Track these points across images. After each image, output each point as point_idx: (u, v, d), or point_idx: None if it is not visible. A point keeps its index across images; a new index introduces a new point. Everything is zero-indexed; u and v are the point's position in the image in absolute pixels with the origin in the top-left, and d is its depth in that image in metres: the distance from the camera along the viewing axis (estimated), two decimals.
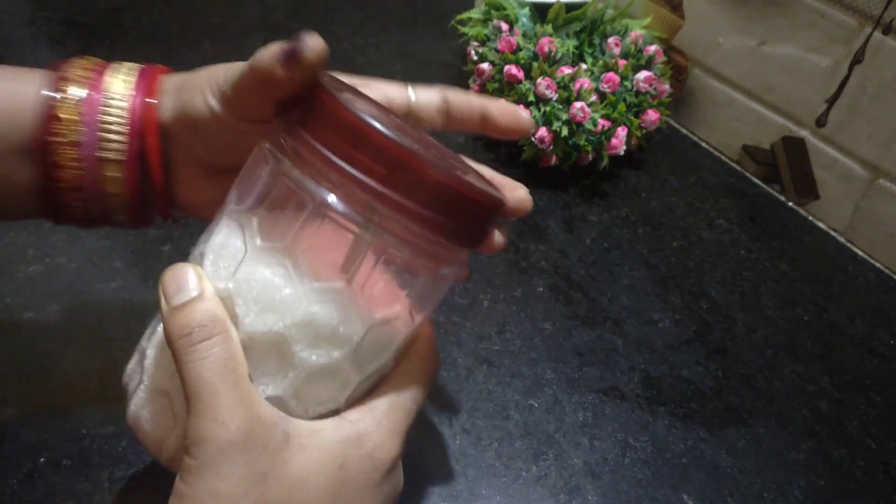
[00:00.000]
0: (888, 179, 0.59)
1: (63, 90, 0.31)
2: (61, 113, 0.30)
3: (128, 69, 0.33)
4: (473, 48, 0.66)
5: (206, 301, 0.26)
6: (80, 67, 0.32)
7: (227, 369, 0.26)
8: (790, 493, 0.43)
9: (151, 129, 0.32)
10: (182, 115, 0.32)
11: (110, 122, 0.31)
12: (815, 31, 0.61)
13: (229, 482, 0.25)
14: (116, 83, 0.32)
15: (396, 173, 0.25)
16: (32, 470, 0.37)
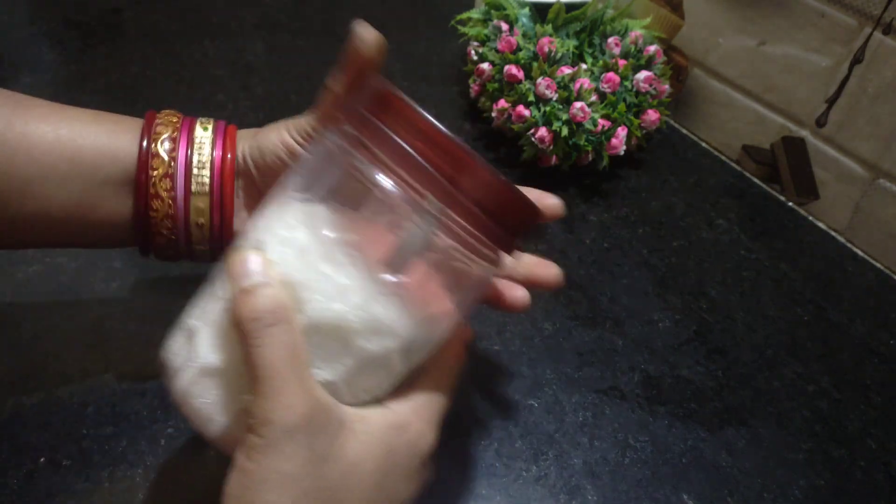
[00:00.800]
0: (888, 179, 0.59)
1: (157, 132, 0.37)
2: (159, 189, 0.36)
3: (207, 121, 0.39)
4: (473, 48, 0.66)
5: (273, 287, 0.28)
6: (169, 115, 0.38)
7: (293, 355, 0.27)
8: (790, 493, 0.43)
9: (229, 172, 0.37)
10: (258, 160, 0.38)
11: (197, 160, 0.37)
12: (815, 31, 0.61)
13: (293, 462, 0.26)
14: (199, 130, 0.38)
15: (460, 175, 0.27)
16: (32, 470, 0.37)
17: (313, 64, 0.71)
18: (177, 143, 0.37)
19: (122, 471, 0.37)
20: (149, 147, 0.36)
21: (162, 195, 0.36)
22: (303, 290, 0.28)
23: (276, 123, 0.38)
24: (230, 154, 0.38)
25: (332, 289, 0.28)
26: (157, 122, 0.37)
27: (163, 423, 0.40)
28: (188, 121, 0.38)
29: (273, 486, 0.26)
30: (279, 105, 0.65)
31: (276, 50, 0.72)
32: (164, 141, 0.37)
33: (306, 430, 0.27)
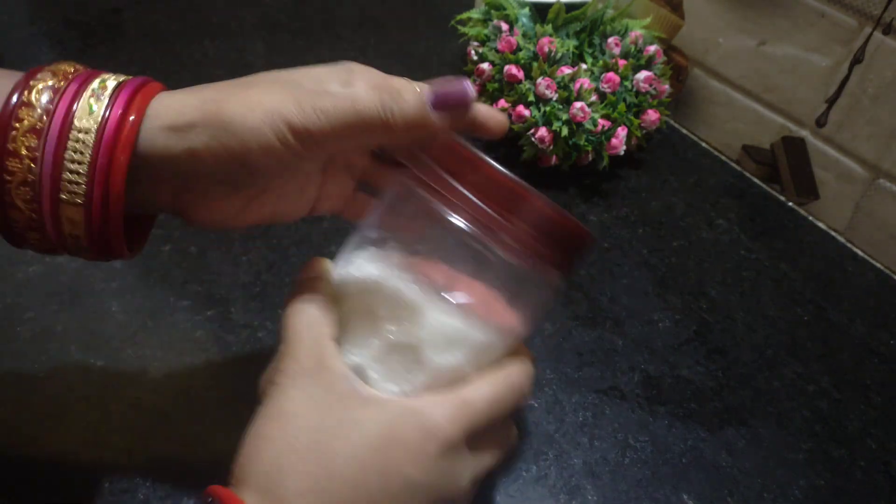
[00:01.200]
0: (888, 179, 0.59)
1: (23, 113, 0.27)
2: (19, 145, 0.27)
3: (104, 87, 0.29)
4: (473, 48, 0.66)
5: (320, 278, 0.32)
6: (52, 78, 0.28)
7: (313, 325, 0.30)
8: (790, 493, 0.43)
9: (125, 136, 0.28)
10: (224, 154, 0.28)
11: (72, 158, 0.27)
12: (815, 31, 0.61)
13: (293, 403, 0.29)
14: (86, 106, 0.28)
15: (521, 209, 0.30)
16: (33, 470, 0.37)
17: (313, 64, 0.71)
18: (59, 94, 0.28)
19: (122, 471, 0.37)
20: (20, 96, 0.27)
21: (21, 153, 0.27)
22: (379, 308, 0.31)
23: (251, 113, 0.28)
24: (133, 115, 0.28)
25: (404, 309, 0.31)
26: (43, 70, 0.29)
27: (163, 422, 0.40)
28: (90, 72, 0.29)
29: (274, 420, 0.29)
30: None
31: (276, 50, 0.72)
32: (43, 90, 0.28)
33: (310, 380, 0.29)
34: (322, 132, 0.29)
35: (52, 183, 0.27)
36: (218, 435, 0.40)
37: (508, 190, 0.30)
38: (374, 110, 0.29)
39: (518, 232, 0.30)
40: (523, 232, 0.30)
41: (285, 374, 0.29)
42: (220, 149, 0.28)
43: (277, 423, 0.29)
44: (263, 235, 0.52)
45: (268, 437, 0.28)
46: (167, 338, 0.44)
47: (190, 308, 0.46)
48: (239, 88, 0.30)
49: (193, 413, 0.41)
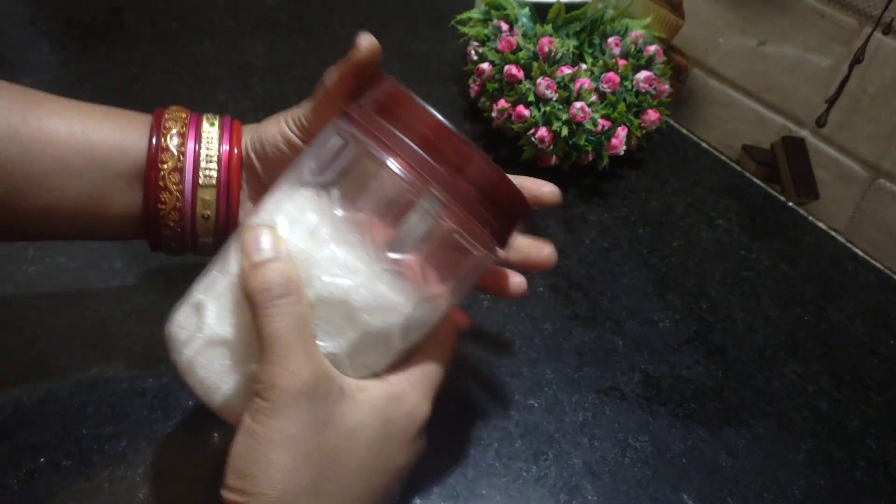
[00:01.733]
0: (888, 179, 0.59)
1: (166, 128, 0.38)
2: (168, 182, 0.37)
3: (213, 116, 0.40)
4: (473, 48, 0.66)
5: (283, 262, 0.30)
6: (177, 111, 0.39)
7: (300, 326, 0.29)
8: (790, 493, 0.43)
9: (236, 165, 0.39)
10: (259, 148, 0.39)
11: (205, 154, 0.38)
12: (815, 31, 0.61)
13: (297, 425, 0.28)
14: (206, 124, 0.39)
15: (461, 164, 0.30)
16: (32, 470, 0.37)
17: (313, 64, 0.71)
18: (185, 137, 0.38)
19: (122, 471, 0.37)
20: (158, 142, 0.37)
21: (171, 188, 0.37)
22: (312, 266, 0.30)
23: (274, 116, 0.40)
24: (237, 149, 0.39)
25: (340, 266, 0.30)
26: (165, 117, 0.39)
27: (163, 422, 0.40)
28: (196, 116, 0.40)
29: (277, 446, 0.28)
30: (279, 105, 0.64)
31: (276, 50, 0.72)
32: (173, 136, 0.38)
33: (310, 395, 0.28)
34: (313, 110, 0.37)
35: (192, 207, 0.38)
36: (218, 435, 0.40)
37: (451, 144, 0.30)
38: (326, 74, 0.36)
39: (457, 187, 0.30)
40: (463, 188, 0.30)
41: (283, 391, 0.28)
42: (259, 150, 0.39)
43: (282, 450, 0.28)
44: None
45: (276, 467, 0.28)
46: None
47: None
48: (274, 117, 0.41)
49: (194, 413, 0.41)
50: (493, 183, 0.31)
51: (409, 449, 0.33)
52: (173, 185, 0.37)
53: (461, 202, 0.30)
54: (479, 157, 0.30)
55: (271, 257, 0.30)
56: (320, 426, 0.29)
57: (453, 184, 0.30)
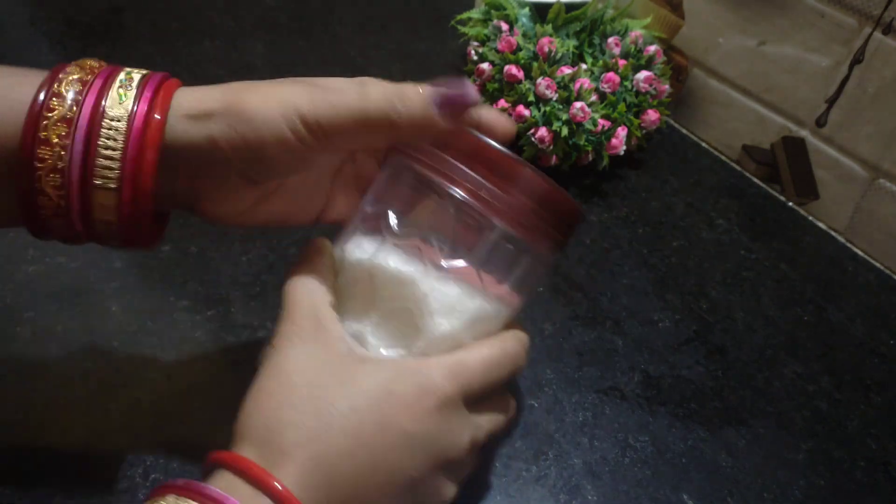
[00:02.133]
0: (888, 179, 0.59)
1: (54, 104, 0.29)
2: (50, 133, 0.28)
3: (130, 79, 0.31)
4: (473, 48, 0.66)
5: (324, 255, 0.34)
6: (79, 72, 0.30)
7: (313, 292, 0.32)
8: (790, 493, 0.43)
9: (154, 131, 0.29)
10: (240, 143, 0.30)
11: (105, 145, 0.29)
12: (815, 31, 0.61)
13: (291, 361, 0.30)
14: (116, 96, 0.30)
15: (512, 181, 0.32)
16: (32, 470, 0.37)
17: (313, 64, 0.71)
18: (87, 86, 0.29)
19: (122, 471, 0.37)
20: (50, 89, 0.29)
21: (52, 141, 0.28)
22: (377, 280, 0.33)
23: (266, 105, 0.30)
24: (158, 113, 0.29)
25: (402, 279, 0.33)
26: (69, 68, 0.30)
27: (163, 422, 0.40)
28: (112, 68, 0.31)
29: (272, 378, 0.30)
30: None
31: (276, 50, 0.72)
32: (72, 83, 0.29)
33: (307, 339, 0.30)
34: (332, 125, 0.30)
35: (84, 169, 0.29)
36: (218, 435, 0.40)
37: (501, 162, 0.31)
38: (381, 107, 0.30)
39: (512, 202, 0.32)
40: (517, 202, 0.32)
41: (283, 336, 0.31)
42: (236, 137, 0.30)
43: (276, 381, 0.30)
44: (263, 236, 0.52)
45: (266, 393, 0.29)
46: (167, 338, 0.44)
47: (190, 308, 0.46)
48: (258, 84, 0.32)
49: (193, 413, 0.41)
50: (545, 194, 0.33)
51: (422, 419, 0.29)
52: (57, 138, 0.28)
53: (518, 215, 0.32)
54: (533, 174, 0.32)
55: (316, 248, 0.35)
56: (316, 366, 0.30)
57: (511, 202, 0.32)
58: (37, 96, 0.29)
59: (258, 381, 0.30)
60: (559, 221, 0.34)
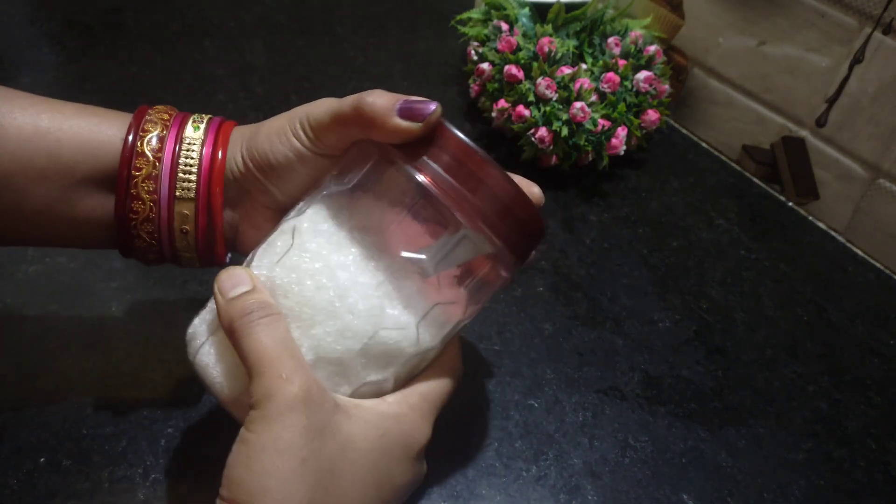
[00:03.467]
0: (888, 179, 0.59)
1: (145, 130, 0.35)
2: (140, 191, 0.34)
3: (200, 119, 0.37)
4: (473, 48, 0.66)
5: (259, 292, 0.31)
6: (160, 112, 0.36)
7: (286, 340, 0.30)
8: (790, 493, 0.43)
9: (218, 177, 0.35)
10: (258, 160, 0.35)
11: (184, 163, 0.35)
12: (815, 31, 0.61)
13: (292, 432, 0.28)
14: (191, 129, 0.36)
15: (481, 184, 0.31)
16: (32, 470, 0.37)
17: (313, 64, 0.71)
18: (164, 142, 0.35)
19: (122, 471, 0.38)
20: (133, 144, 0.34)
21: (143, 197, 0.34)
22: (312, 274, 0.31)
23: (278, 118, 0.36)
24: (221, 154, 0.35)
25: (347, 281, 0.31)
26: (146, 118, 0.35)
27: (163, 422, 0.40)
28: (179, 118, 0.36)
29: (272, 453, 0.27)
30: (279, 105, 0.65)
31: (276, 50, 0.72)
32: (150, 139, 0.34)
33: (304, 401, 0.28)
34: (320, 123, 0.33)
35: (170, 213, 0.35)
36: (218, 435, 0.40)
37: (475, 161, 0.31)
38: (353, 101, 0.32)
39: (481, 203, 0.31)
40: (486, 204, 0.31)
41: (278, 398, 0.28)
42: (255, 153, 0.35)
43: (277, 457, 0.27)
44: None
45: (271, 473, 0.27)
46: (167, 338, 0.44)
47: (190, 308, 0.46)
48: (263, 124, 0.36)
49: (194, 414, 0.41)
50: (513, 200, 0.32)
51: (409, 468, 0.32)
52: (146, 195, 0.34)
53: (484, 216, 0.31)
54: (500, 176, 0.31)
55: (248, 289, 0.31)
56: (316, 433, 0.28)
57: (476, 202, 0.31)
58: (124, 154, 0.34)
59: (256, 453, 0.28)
60: (522, 232, 0.33)
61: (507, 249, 0.32)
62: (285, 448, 0.27)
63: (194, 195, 0.35)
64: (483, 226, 0.31)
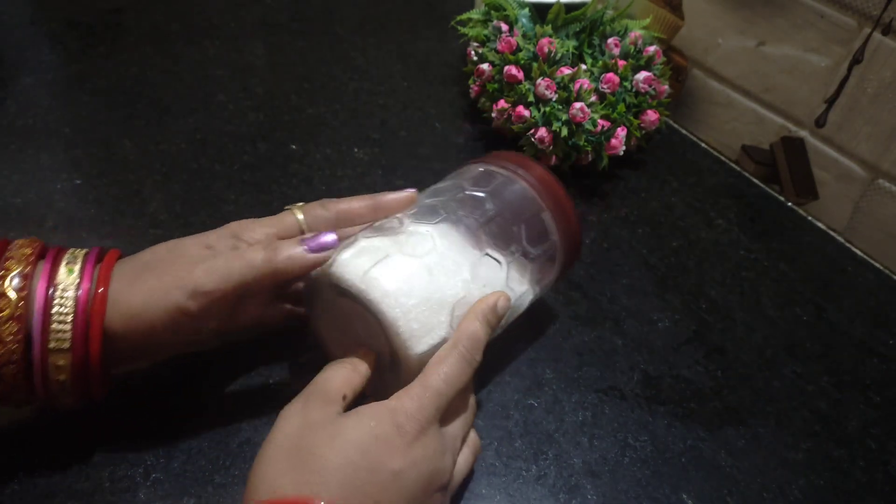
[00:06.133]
0: (887, 179, 0.60)
1: (5, 268, 0.32)
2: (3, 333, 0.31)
3: (74, 258, 0.34)
4: (473, 49, 0.66)
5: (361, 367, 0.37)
6: (22, 247, 0.33)
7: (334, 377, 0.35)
8: (790, 492, 0.43)
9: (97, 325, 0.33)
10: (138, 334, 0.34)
11: (58, 312, 0.32)
12: (815, 32, 0.61)
13: (287, 428, 0.33)
14: (64, 271, 0.33)
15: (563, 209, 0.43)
16: (33, 470, 0.37)
17: (313, 64, 0.71)
18: (29, 281, 0.32)
19: (122, 471, 0.38)
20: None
21: (6, 340, 0.31)
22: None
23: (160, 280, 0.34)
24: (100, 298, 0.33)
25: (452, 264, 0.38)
26: (6, 255, 0.33)
27: (163, 422, 0.40)
28: (51, 254, 0.34)
29: (272, 443, 0.32)
30: (279, 105, 0.65)
31: (276, 50, 0.72)
32: (12, 278, 0.32)
33: (309, 407, 0.33)
34: (219, 290, 0.34)
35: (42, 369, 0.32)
36: (218, 436, 0.40)
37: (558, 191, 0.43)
38: (264, 269, 0.35)
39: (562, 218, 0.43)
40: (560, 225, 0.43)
41: (289, 406, 0.34)
42: (134, 334, 0.34)
43: (275, 446, 0.32)
44: None
45: (266, 458, 0.32)
46: None
47: None
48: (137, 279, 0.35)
49: (194, 413, 0.41)
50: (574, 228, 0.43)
51: (405, 453, 0.32)
52: (10, 337, 0.31)
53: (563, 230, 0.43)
54: (571, 205, 0.43)
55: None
56: (309, 427, 0.32)
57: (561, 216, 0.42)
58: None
59: (262, 448, 0.32)
60: (571, 255, 0.44)
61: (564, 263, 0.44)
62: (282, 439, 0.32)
63: (69, 345, 0.32)
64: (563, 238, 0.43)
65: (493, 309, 0.37)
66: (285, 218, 0.41)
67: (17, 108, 0.59)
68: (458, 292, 0.37)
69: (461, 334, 0.36)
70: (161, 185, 0.55)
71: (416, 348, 0.35)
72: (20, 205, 0.51)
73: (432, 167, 0.61)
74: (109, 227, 0.51)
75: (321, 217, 0.41)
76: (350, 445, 0.31)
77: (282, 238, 0.39)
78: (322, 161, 0.60)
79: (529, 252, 0.41)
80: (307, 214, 0.41)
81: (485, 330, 0.37)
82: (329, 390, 0.34)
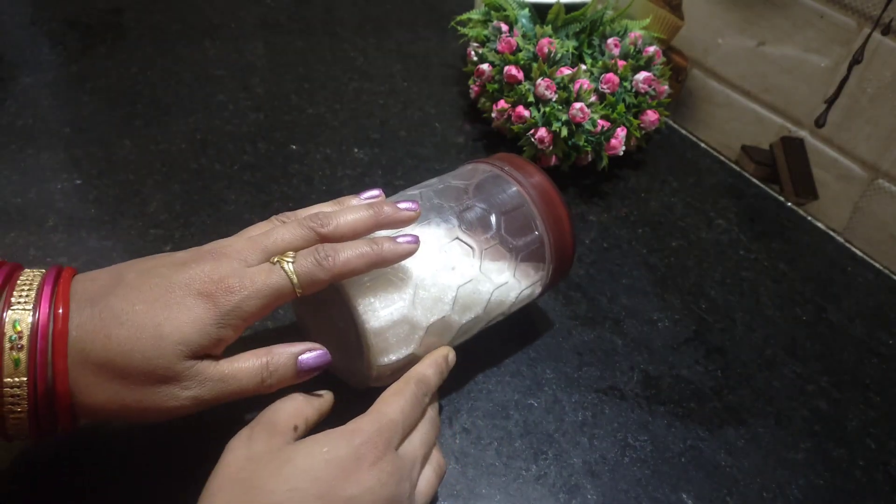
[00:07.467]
0: (887, 179, 0.60)
1: None
2: None
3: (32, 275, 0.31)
4: (473, 49, 0.66)
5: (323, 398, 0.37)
6: None
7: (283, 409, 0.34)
8: (789, 492, 0.43)
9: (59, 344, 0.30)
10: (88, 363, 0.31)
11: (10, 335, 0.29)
12: (815, 32, 0.61)
13: (233, 460, 0.32)
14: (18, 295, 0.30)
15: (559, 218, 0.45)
16: (33, 469, 0.37)
17: (313, 64, 0.71)
18: None
19: (122, 471, 0.38)
20: None
21: None
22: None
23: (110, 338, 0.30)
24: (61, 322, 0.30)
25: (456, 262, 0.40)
26: None
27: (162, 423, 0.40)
28: (6, 270, 0.31)
29: (217, 477, 0.31)
30: (279, 105, 0.65)
31: (276, 50, 0.72)
32: None
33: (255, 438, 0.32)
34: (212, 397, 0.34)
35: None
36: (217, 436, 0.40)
37: (555, 200, 0.44)
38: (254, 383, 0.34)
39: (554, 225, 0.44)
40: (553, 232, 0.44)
41: (236, 438, 0.33)
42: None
43: (220, 479, 0.31)
44: None
45: (210, 493, 0.31)
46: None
47: None
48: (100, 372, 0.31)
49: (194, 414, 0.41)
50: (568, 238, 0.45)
51: (361, 479, 0.31)
52: None
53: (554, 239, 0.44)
54: (568, 216, 0.45)
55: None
56: (254, 459, 0.31)
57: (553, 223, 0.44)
58: None
59: (207, 483, 0.31)
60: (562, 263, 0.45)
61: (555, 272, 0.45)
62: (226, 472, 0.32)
63: (25, 375, 0.30)
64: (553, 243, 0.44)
65: (445, 358, 0.39)
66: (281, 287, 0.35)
67: (17, 108, 0.59)
68: (422, 273, 0.38)
69: (414, 375, 0.37)
70: (161, 185, 0.55)
71: (373, 322, 0.36)
72: (20, 205, 0.51)
73: (432, 167, 0.61)
74: (109, 227, 0.51)
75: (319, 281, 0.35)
76: (299, 473, 0.30)
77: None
78: (322, 161, 0.60)
79: (508, 241, 0.42)
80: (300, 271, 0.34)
81: (436, 378, 0.37)
82: (277, 421, 0.33)
